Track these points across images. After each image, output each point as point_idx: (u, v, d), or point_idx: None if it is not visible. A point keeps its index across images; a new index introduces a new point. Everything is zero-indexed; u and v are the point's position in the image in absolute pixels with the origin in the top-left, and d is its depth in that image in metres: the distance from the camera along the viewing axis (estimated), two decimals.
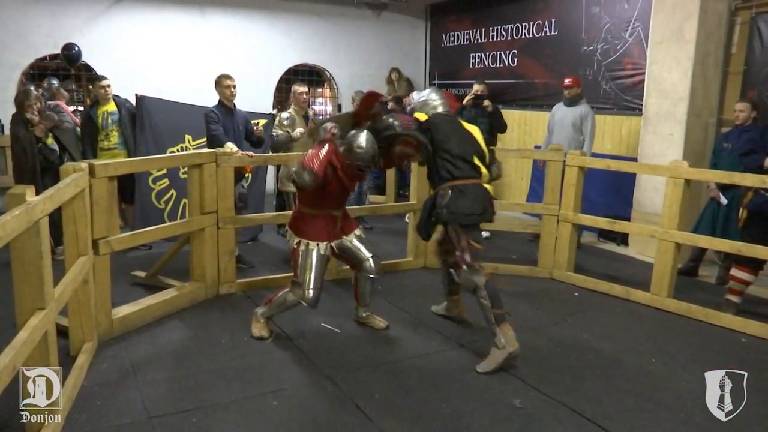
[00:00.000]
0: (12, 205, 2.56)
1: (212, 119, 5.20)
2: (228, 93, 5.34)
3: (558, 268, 5.46)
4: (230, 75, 5.47)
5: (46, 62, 8.22)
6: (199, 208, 4.63)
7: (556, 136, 6.44)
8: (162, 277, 4.94)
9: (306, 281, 3.89)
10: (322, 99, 10.74)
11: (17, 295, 2.69)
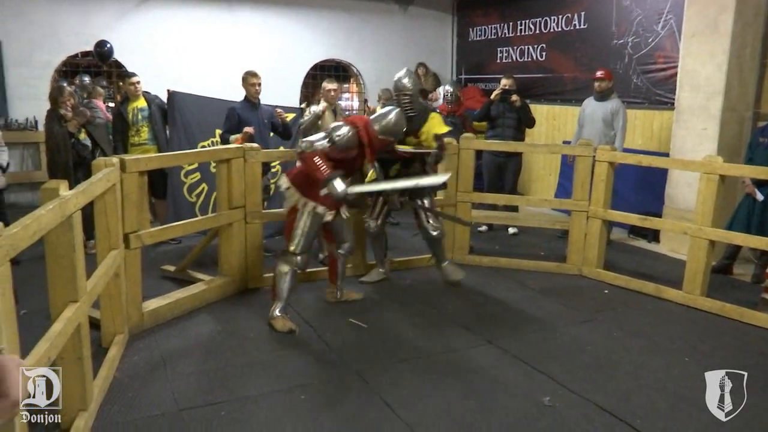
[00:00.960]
0: (46, 199, 2.61)
1: (228, 118, 5.41)
2: (253, 90, 5.49)
3: (587, 265, 5.40)
4: (256, 73, 5.56)
5: (78, 59, 8.36)
6: (227, 202, 4.67)
7: (586, 131, 6.36)
8: (191, 272, 4.99)
9: (296, 244, 4.10)
10: (348, 94, 10.75)
11: (51, 287, 2.75)
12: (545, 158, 8.56)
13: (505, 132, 6.61)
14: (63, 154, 5.42)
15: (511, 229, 6.94)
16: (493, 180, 6.83)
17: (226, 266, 4.79)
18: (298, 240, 4.13)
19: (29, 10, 7.79)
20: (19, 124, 7.81)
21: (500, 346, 3.93)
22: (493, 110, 6.70)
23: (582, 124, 6.52)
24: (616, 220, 5.56)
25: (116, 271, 3.64)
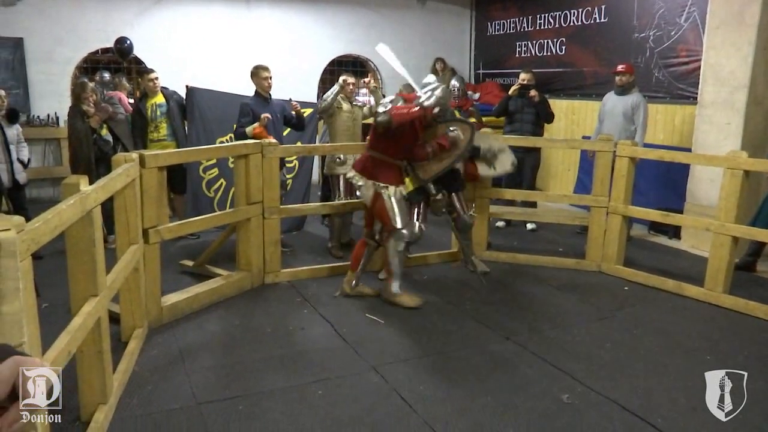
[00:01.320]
0: (66, 194, 2.64)
1: (243, 112, 5.34)
2: (266, 84, 5.47)
3: (607, 262, 5.34)
4: (267, 66, 5.55)
5: (98, 56, 8.45)
6: (245, 198, 4.68)
7: (606, 126, 6.28)
8: (209, 266, 5.03)
9: (398, 221, 4.39)
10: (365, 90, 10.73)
11: (71, 282, 2.78)
12: (564, 153, 8.48)
13: (524, 127, 6.56)
14: (85, 149, 5.48)
15: (530, 224, 6.89)
16: (512, 175, 6.76)
17: (244, 261, 4.81)
18: (398, 217, 4.42)
19: (51, 7, 7.88)
20: (41, 120, 7.91)
21: (519, 343, 3.91)
22: (512, 105, 6.65)
23: (602, 118, 6.44)
24: (637, 216, 5.49)
25: (135, 265, 3.67)
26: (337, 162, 5.72)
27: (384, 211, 4.44)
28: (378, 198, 4.45)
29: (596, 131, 6.51)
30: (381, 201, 4.44)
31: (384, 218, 4.47)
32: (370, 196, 4.48)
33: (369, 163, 4.47)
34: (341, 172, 5.71)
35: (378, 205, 4.47)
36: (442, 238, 5.94)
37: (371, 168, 4.46)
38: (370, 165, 4.46)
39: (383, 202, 4.44)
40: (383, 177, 4.44)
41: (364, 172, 4.49)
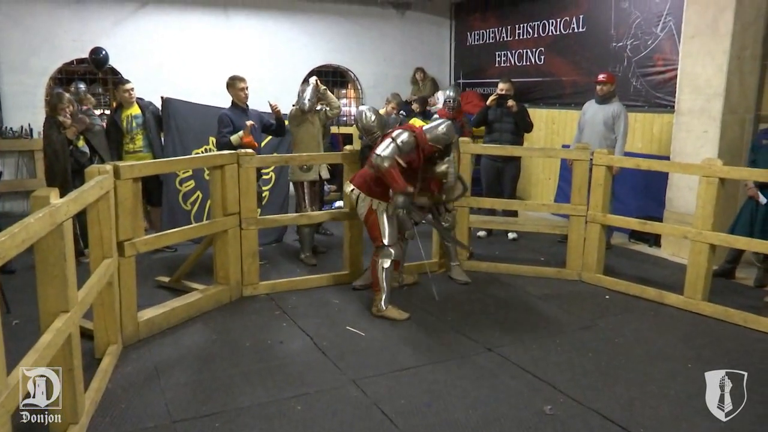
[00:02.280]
0: (36, 207, 2.58)
1: (223, 123, 5.35)
2: (242, 95, 5.48)
3: (587, 270, 5.36)
4: (243, 77, 5.54)
5: (74, 66, 8.35)
6: (222, 209, 4.64)
7: (586, 135, 6.32)
8: (186, 282, 4.96)
9: (387, 237, 4.55)
10: (345, 100, 10.73)
11: (41, 297, 2.71)
12: (544, 162, 8.52)
13: (503, 137, 6.58)
14: (61, 161, 5.38)
15: (511, 234, 6.89)
16: (492, 185, 6.79)
17: (222, 274, 4.75)
18: (387, 234, 4.58)
19: (26, 17, 7.77)
20: (14, 132, 7.77)
21: (500, 354, 3.89)
22: (491, 115, 6.67)
23: (582, 127, 6.49)
24: (616, 224, 5.52)
25: (109, 279, 3.60)
26: (303, 169, 5.71)
27: (375, 227, 4.59)
28: (372, 213, 4.59)
29: (575, 140, 6.54)
30: (374, 216, 4.59)
31: (374, 233, 4.61)
32: (366, 210, 4.61)
33: (369, 180, 4.60)
34: (305, 179, 5.72)
35: (371, 220, 4.61)
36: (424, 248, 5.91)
37: (371, 184, 4.59)
38: (370, 181, 4.59)
39: (376, 218, 4.58)
40: (380, 194, 4.57)
41: (363, 188, 4.62)
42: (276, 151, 6.21)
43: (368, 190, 4.61)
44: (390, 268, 4.60)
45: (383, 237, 4.58)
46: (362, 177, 4.68)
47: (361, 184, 4.65)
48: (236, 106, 5.50)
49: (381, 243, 4.59)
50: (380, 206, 4.58)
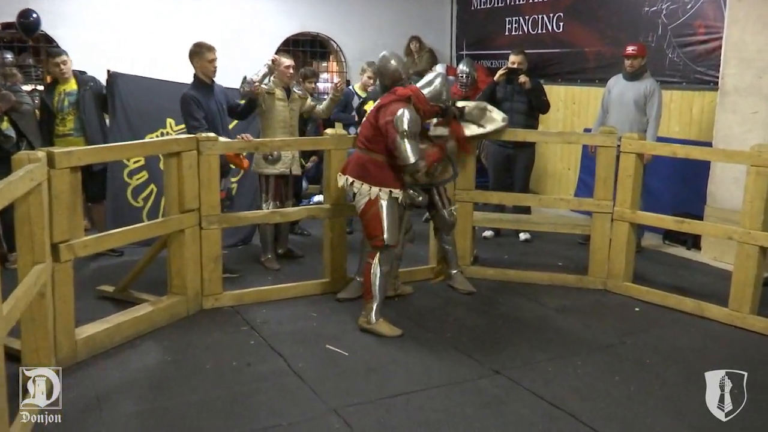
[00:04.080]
0: None
1: (194, 107, 5.21)
2: (211, 68, 5.38)
3: (613, 278, 5.37)
4: (212, 46, 5.45)
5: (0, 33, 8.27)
6: (178, 205, 4.61)
7: (612, 117, 6.34)
8: (134, 292, 4.93)
9: (390, 235, 4.56)
10: (327, 74, 10.72)
11: None
12: (563, 149, 8.55)
13: (514, 118, 6.56)
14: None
15: (522, 234, 6.90)
16: (500, 176, 6.80)
17: (177, 282, 4.73)
18: (389, 231, 4.57)
19: None
20: None
21: (510, 377, 3.90)
22: (499, 93, 6.67)
23: (607, 107, 6.51)
24: (647, 223, 5.53)
25: (41, 289, 3.56)
26: (269, 159, 5.71)
27: (377, 222, 4.57)
28: (373, 205, 4.57)
29: (598, 122, 6.57)
30: (375, 209, 4.57)
31: (373, 230, 4.60)
32: (365, 202, 4.59)
33: (368, 164, 4.60)
34: (272, 171, 5.73)
35: (371, 214, 4.58)
36: (418, 251, 5.92)
37: (371, 170, 4.60)
38: (370, 166, 4.60)
39: (378, 210, 4.56)
40: (386, 180, 4.60)
41: (362, 176, 4.59)
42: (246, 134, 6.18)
43: (370, 178, 4.59)
44: (388, 274, 4.62)
45: (384, 234, 4.56)
46: (358, 163, 4.66)
47: (359, 171, 4.62)
48: (200, 83, 5.42)
49: (381, 242, 4.58)
50: (385, 195, 4.57)
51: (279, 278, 5.55)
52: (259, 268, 5.85)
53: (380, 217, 4.56)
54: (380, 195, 4.56)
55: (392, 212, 4.60)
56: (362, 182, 4.59)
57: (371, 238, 4.64)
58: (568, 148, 8.39)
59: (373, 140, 4.61)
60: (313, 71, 7.23)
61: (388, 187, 4.59)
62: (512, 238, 6.92)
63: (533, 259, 6.19)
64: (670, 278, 5.69)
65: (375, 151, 4.61)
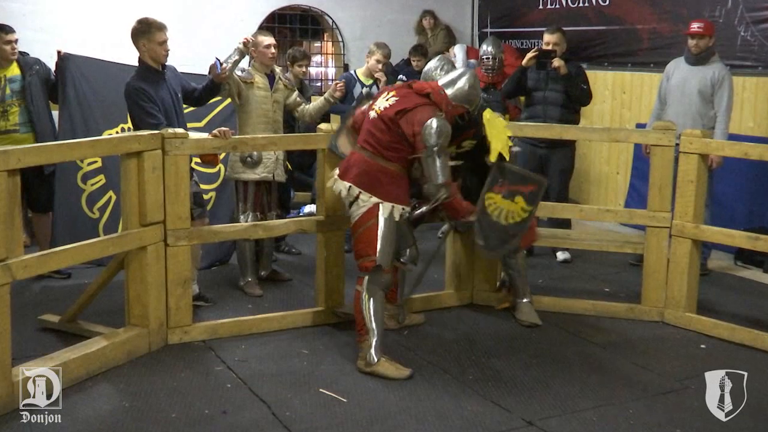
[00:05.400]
0: None
1: (145, 101, 5.12)
2: (162, 52, 5.27)
3: (673, 307, 5.36)
4: (162, 23, 5.33)
5: None
6: (139, 216, 4.62)
7: (671, 109, 6.34)
8: (84, 323, 4.93)
9: (382, 257, 4.54)
10: (320, 57, 10.76)
11: None
12: (609, 149, 8.54)
13: (548, 111, 6.60)
14: None
15: (561, 253, 6.90)
16: None
17: (137, 312, 4.73)
18: (383, 250, 4.57)
19: None
20: None
21: (546, 430, 3.88)
22: (530, 80, 6.68)
23: (664, 98, 6.51)
24: (714, 240, 5.52)
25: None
26: (248, 162, 5.72)
27: (371, 238, 4.57)
28: (370, 216, 4.57)
29: (654, 116, 6.57)
30: (373, 222, 4.57)
31: (366, 246, 4.60)
32: (362, 213, 4.60)
33: (383, 177, 4.61)
34: (250, 177, 5.74)
35: (366, 227, 4.59)
36: (431, 273, 5.91)
37: (386, 183, 4.61)
38: (384, 179, 4.61)
39: (375, 225, 4.56)
40: (400, 195, 4.65)
41: (372, 188, 4.59)
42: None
43: (381, 191, 4.59)
44: (380, 303, 4.61)
45: (376, 253, 4.55)
46: (366, 172, 4.62)
47: (368, 182, 4.60)
48: (148, 69, 5.34)
49: (371, 263, 4.57)
50: (387, 210, 4.57)
51: (262, 307, 5.56)
52: (238, 294, 5.86)
53: (376, 232, 4.56)
54: (381, 207, 4.57)
55: (391, 229, 4.59)
56: (370, 195, 4.57)
57: (360, 257, 4.64)
58: (615, 147, 8.38)
59: (389, 147, 4.59)
60: (304, 53, 7.21)
61: (400, 204, 4.61)
62: (548, 258, 6.93)
63: (574, 284, 6.18)
64: (743, 308, 5.67)
65: (391, 160, 4.61)
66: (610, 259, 6.73)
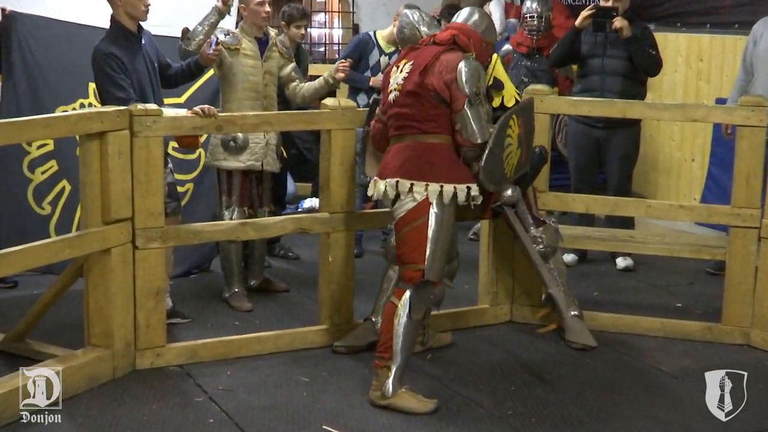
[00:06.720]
0: None
1: (115, 69, 5.12)
2: (141, 8, 5.25)
3: (761, 327, 5.34)
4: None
5: None
6: (102, 212, 4.63)
7: (762, 81, 6.31)
8: (34, 343, 4.96)
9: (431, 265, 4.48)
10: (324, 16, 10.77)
11: None
12: (683, 130, 8.52)
13: (607, 83, 6.58)
14: None
15: (622, 260, 6.88)
16: (587, 170, 6.79)
17: (99, 329, 4.75)
18: (434, 256, 4.51)
19: None
20: None
21: None
22: (585, 45, 6.66)
23: (751, 67, 6.50)
24: None
25: None
26: (231, 147, 5.73)
27: (420, 240, 4.52)
28: (421, 214, 4.53)
29: (738, 89, 6.55)
30: (423, 221, 4.53)
31: (412, 252, 4.56)
32: (409, 208, 4.56)
33: (436, 157, 4.58)
34: (234, 165, 5.75)
35: (414, 227, 4.55)
36: (461, 284, 5.91)
37: (441, 162, 4.58)
38: (437, 159, 4.58)
39: (424, 225, 4.52)
40: (461, 173, 4.61)
41: (425, 174, 4.54)
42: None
43: (437, 174, 4.55)
44: (418, 323, 4.61)
45: (426, 260, 4.51)
46: (405, 155, 4.62)
47: (419, 168, 4.56)
48: (123, 31, 5.35)
49: (418, 274, 4.54)
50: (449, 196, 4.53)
51: (251, 324, 5.57)
52: (222, 308, 5.87)
53: (425, 233, 4.52)
54: (434, 201, 4.52)
55: (445, 229, 4.56)
56: (426, 183, 4.52)
57: (404, 264, 4.62)
58: (690, 128, 8.36)
59: (428, 118, 4.56)
60: (303, 11, 7.11)
61: (463, 183, 4.55)
62: (605, 266, 6.93)
63: (638, 298, 6.17)
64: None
65: (436, 132, 4.58)
66: (682, 267, 6.72)
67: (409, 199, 4.51)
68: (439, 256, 4.52)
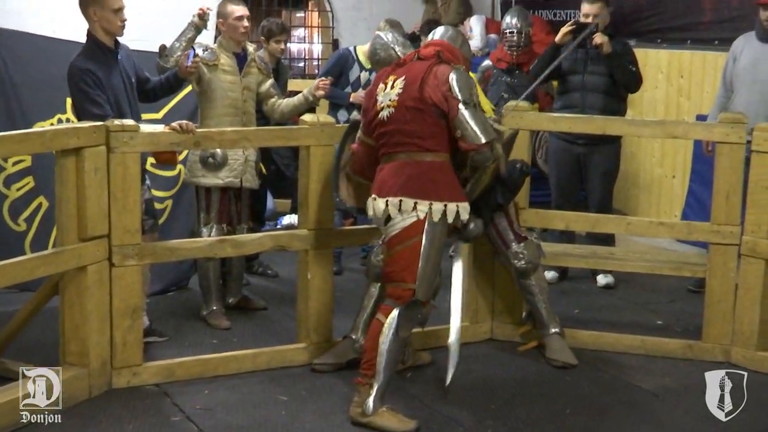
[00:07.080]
0: None
1: (90, 86, 5.10)
2: (117, 23, 5.24)
3: (742, 345, 5.36)
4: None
5: None
6: (77, 229, 4.62)
7: (741, 97, 6.34)
8: (8, 361, 4.92)
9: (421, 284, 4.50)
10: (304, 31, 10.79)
11: None
12: (663, 147, 8.56)
13: (588, 99, 6.60)
14: None
15: (602, 277, 6.90)
16: (568, 187, 6.81)
17: (75, 348, 4.73)
18: (426, 276, 4.54)
19: None
20: None
21: None
22: (565, 61, 6.68)
23: (731, 84, 6.52)
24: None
25: None
26: (209, 164, 5.74)
27: (412, 259, 4.54)
28: (415, 233, 4.54)
29: (719, 105, 6.58)
30: (417, 240, 4.54)
31: (402, 271, 4.57)
32: (404, 226, 4.56)
33: (437, 174, 4.61)
34: (213, 182, 5.76)
35: (407, 246, 4.56)
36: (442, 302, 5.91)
37: (442, 180, 4.61)
38: (439, 176, 4.61)
39: (417, 244, 4.53)
40: (450, 190, 4.63)
41: (428, 193, 4.56)
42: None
43: (440, 191, 4.58)
44: (403, 345, 4.63)
45: (417, 280, 4.52)
46: (406, 173, 4.61)
47: (411, 184, 4.57)
48: (100, 48, 5.34)
49: (408, 293, 4.54)
50: (452, 215, 4.56)
51: (229, 342, 5.56)
52: (200, 326, 5.87)
53: (418, 253, 4.53)
54: (435, 219, 4.54)
55: (436, 248, 4.58)
56: (430, 201, 4.53)
57: (393, 282, 4.63)
58: (671, 144, 8.38)
59: (430, 135, 4.58)
60: (282, 26, 7.10)
61: (454, 202, 4.57)
62: (586, 283, 6.95)
63: (618, 316, 6.19)
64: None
65: (438, 150, 4.61)
66: (663, 285, 6.75)
67: (409, 217, 4.52)
68: (429, 276, 4.56)
